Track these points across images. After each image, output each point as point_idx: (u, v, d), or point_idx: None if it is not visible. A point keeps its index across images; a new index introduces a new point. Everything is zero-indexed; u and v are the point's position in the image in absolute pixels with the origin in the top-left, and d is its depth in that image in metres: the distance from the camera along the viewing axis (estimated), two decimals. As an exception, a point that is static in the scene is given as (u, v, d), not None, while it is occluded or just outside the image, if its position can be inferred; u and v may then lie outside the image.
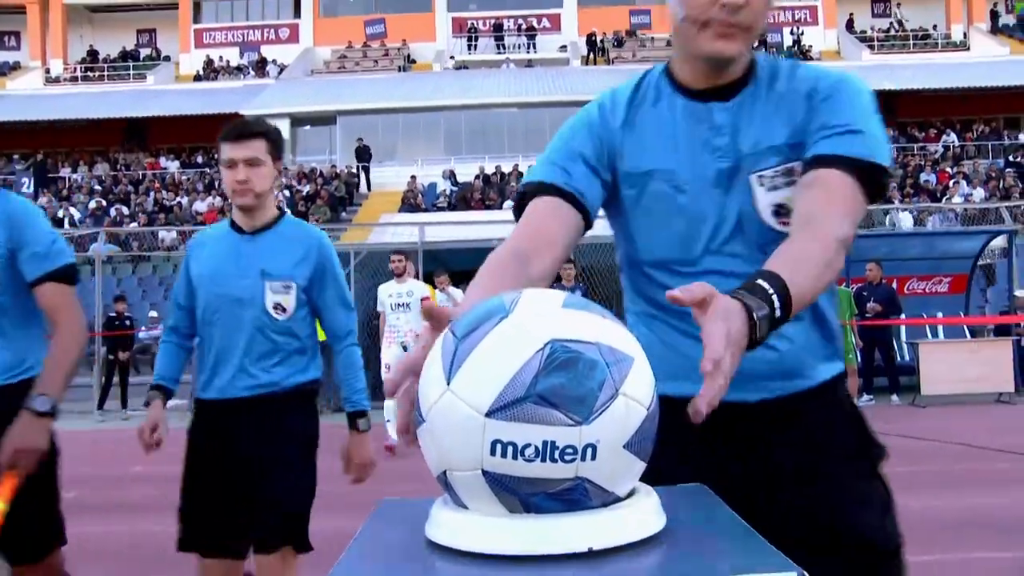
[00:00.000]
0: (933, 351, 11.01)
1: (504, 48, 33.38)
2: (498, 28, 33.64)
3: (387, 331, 8.31)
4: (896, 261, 12.23)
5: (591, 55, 32.53)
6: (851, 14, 33.77)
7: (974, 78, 28.26)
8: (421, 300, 8.22)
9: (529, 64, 32.08)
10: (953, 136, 26.98)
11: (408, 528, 0.84)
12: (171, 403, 3.18)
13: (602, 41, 32.81)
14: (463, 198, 22.82)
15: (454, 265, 16.89)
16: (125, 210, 22.46)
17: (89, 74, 32.96)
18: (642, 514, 0.78)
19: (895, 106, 29.59)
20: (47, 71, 33.14)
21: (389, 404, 7.92)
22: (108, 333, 12.95)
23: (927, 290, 12.50)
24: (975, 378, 10.68)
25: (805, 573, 0.67)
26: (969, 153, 25.82)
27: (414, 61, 33.09)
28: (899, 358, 11.82)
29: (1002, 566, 4.17)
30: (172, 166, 27.38)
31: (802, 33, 32.66)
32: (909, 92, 28.40)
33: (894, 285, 11.93)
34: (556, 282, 10.79)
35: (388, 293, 8.36)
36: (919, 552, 4.65)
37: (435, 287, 10.18)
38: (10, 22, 34.14)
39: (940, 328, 12.38)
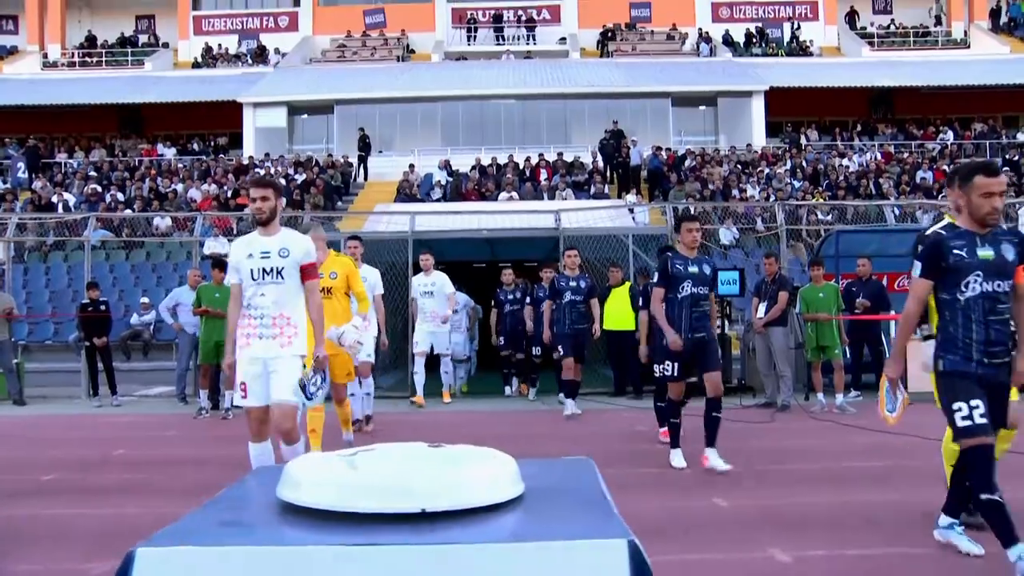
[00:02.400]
0: (921, 347, 10.98)
1: (503, 40, 33.29)
2: (498, 19, 33.54)
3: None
4: (886, 258, 12.22)
5: (603, 48, 32.48)
6: (852, 6, 33.70)
7: (973, 76, 28.19)
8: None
9: (528, 56, 32.01)
10: (951, 134, 26.93)
11: (270, 487, 0.85)
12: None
13: (612, 32, 32.77)
14: (458, 189, 22.79)
15: (444, 254, 16.93)
16: (120, 196, 22.41)
17: (87, 60, 32.86)
18: (487, 481, 0.78)
19: (893, 103, 29.58)
20: (45, 56, 33.03)
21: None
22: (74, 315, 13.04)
23: (917, 287, 12.47)
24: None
25: (636, 540, 0.67)
26: (967, 151, 25.77)
27: (413, 51, 33.02)
28: (887, 354, 11.80)
29: (973, 563, 4.18)
30: (169, 153, 27.33)
31: (798, 28, 32.59)
32: (908, 89, 28.36)
33: (884, 281, 11.91)
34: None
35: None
36: (890, 544, 4.66)
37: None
38: (8, 5, 33.99)
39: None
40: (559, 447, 8.09)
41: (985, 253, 4.08)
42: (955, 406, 3.94)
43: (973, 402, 3.89)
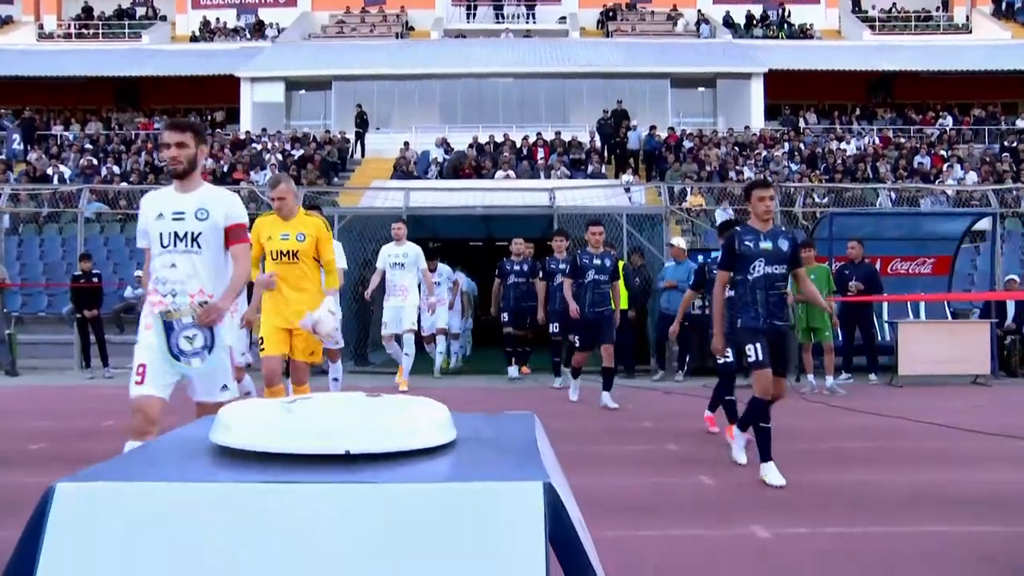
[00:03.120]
0: (912, 331, 11.04)
1: (503, 18, 33.14)
2: (498, -3, 33.40)
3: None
4: (880, 241, 12.23)
5: (604, 28, 32.32)
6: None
7: (974, 61, 28.12)
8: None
9: (528, 35, 31.86)
10: (950, 119, 26.87)
11: (205, 433, 0.86)
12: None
13: (613, 12, 32.60)
14: (455, 166, 22.73)
15: (440, 232, 16.92)
16: (116, 169, 22.34)
17: (83, 31, 32.67)
18: (415, 426, 0.79)
19: (893, 87, 29.48)
20: (40, 27, 32.83)
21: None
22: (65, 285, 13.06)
23: (910, 271, 12.50)
24: (952, 359, 10.72)
25: (550, 481, 0.67)
26: (965, 137, 25.73)
27: (412, 28, 32.85)
28: (879, 338, 11.85)
29: (953, 539, 4.21)
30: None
31: (788, 14, 32.44)
32: (908, 73, 28.29)
33: (877, 265, 11.93)
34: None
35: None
36: (870, 524, 4.67)
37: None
38: (4, -24, 33.81)
39: (923, 310, 12.40)
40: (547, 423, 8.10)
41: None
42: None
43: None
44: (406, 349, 10.02)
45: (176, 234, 4.09)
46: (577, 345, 9.20)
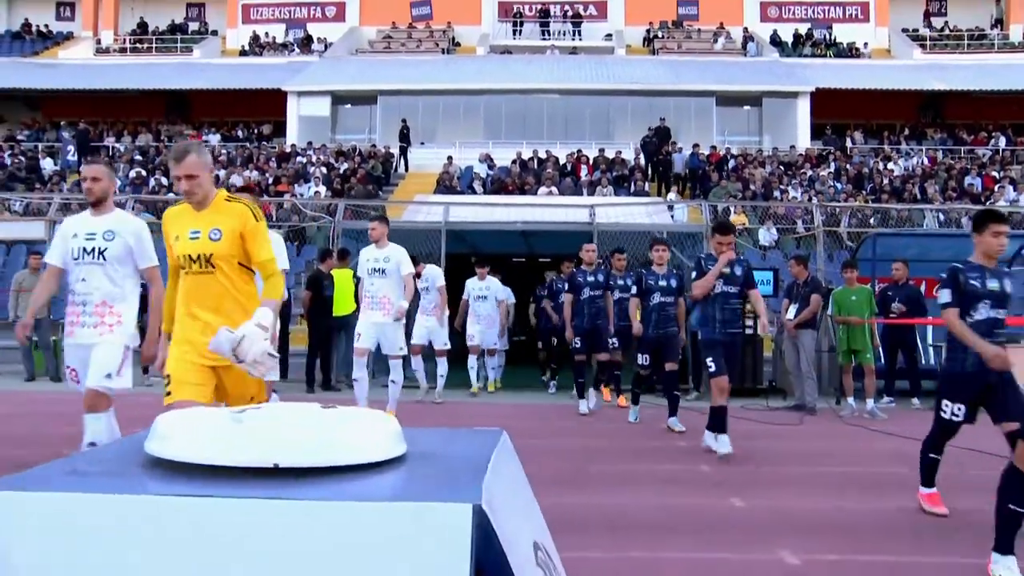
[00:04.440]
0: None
1: (549, 35, 33.22)
2: (544, 14, 33.47)
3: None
4: (926, 263, 11.94)
5: (650, 46, 32.24)
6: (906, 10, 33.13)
7: (1028, 81, 27.54)
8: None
9: (573, 51, 31.90)
10: (1003, 140, 26.32)
11: (141, 443, 0.84)
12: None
13: (659, 30, 32.55)
14: (498, 182, 22.76)
15: (480, 247, 16.91)
16: (165, 180, 22.74)
17: (138, 46, 33.41)
18: (356, 441, 0.76)
19: (943, 107, 28.97)
20: (98, 42, 33.65)
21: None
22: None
23: (957, 293, 12.15)
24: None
25: (481, 504, 0.64)
26: (1020, 157, 25.18)
27: (458, 44, 33.07)
28: (923, 361, 11.56)
29: (968, 572, 4.08)
30: (214, 139, 27.68)
31: (830, 28, 32.10)
32: (959, 93, 27.77)
33: (922, 287, 11.66)
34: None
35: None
36: (903, 553, 4.52)
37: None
38: (67, -8, 34.76)
39: (968, 333, 12.03)
40: (582, 442, 8.05)
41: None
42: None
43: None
44: (393, 376, 8.35)
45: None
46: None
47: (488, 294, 11.66)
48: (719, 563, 4.22)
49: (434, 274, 10.50)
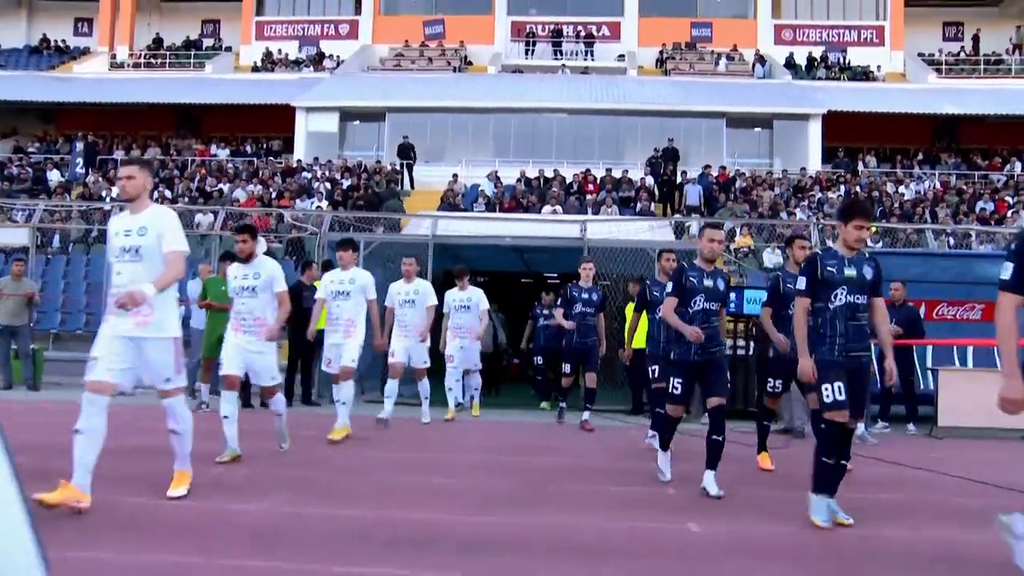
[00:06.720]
0: (954, 379, 10.37)
1: (561, 54, 33.10)
2: (557, 34, 33.39)
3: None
4: (927, 284, 11.63)
5: (663, 67, 32.06)
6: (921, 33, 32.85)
7: (1045, 106, 27.12)
8: None
9: (585, 72, 31.76)
10: (1019, 165, 25.90)
11: None
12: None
13: (673, 54, 32.38)
14: (504, 201, 22.54)
15: (474, 263, 16.71)
16: (168, 194, 22.73)
17: (152, 61, 33.62)
18: None
19: (958, 132, 28.59)
20: (113, 56, 33.89)
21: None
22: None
23: (958, 316, 11.80)
24: (999, 411, 10.02)
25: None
26: (1035, 184, 24.74)
27: (471, 63, 33.01)
28: (920, 386, 11.20)
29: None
30: (222, 154, 27.72)
31: (844, 51, 31.87)
32: (973, 117, 27.40)
33: (922, 309, 11.33)
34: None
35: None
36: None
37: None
38: (86, 9, 35.08)
39: (970, 358, 11.67)
40: (552, 460, 7.78)
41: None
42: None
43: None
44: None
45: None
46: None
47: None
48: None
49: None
